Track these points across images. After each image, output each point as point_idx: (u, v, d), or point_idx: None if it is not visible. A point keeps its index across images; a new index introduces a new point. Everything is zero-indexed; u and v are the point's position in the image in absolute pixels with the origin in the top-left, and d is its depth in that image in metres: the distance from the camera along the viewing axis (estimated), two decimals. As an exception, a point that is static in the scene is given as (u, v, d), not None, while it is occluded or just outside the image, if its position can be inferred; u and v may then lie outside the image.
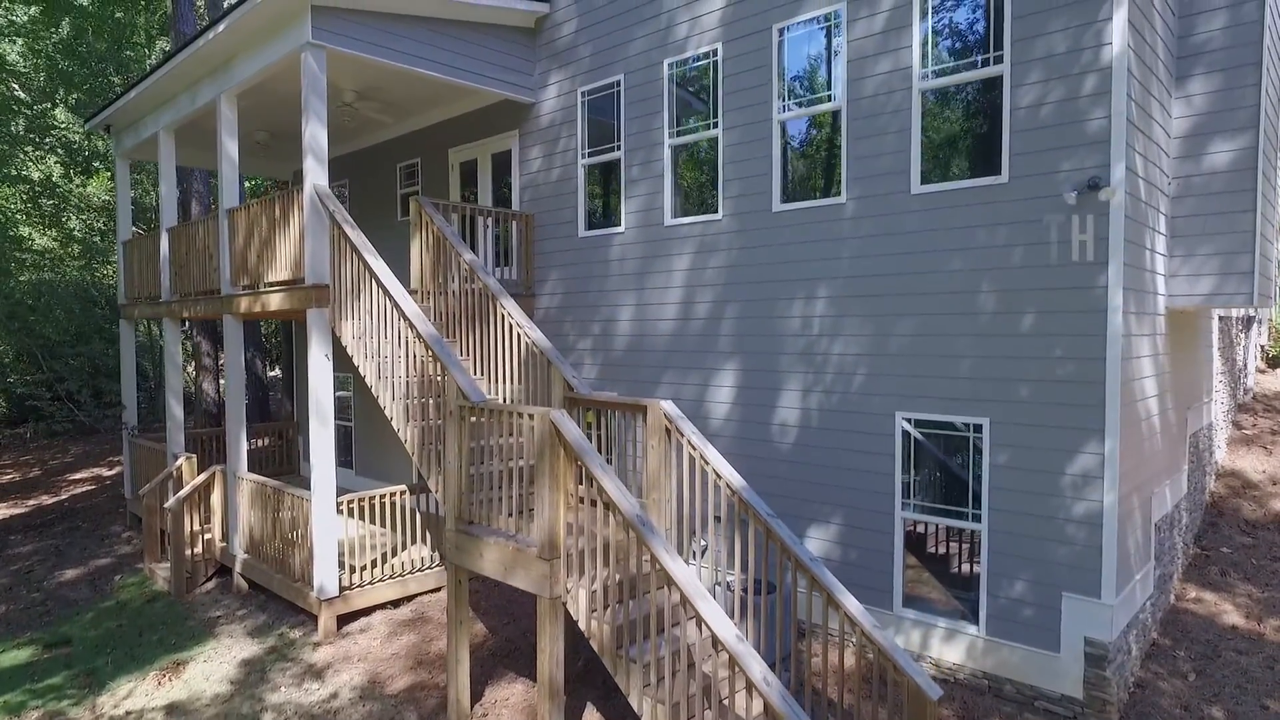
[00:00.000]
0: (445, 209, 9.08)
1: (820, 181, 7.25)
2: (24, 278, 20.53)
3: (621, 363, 8.96)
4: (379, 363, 7.42)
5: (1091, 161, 5.67)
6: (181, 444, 11.37)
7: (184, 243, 10.61)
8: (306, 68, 7.86)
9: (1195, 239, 6.84)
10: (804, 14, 7.23)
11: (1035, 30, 5.90)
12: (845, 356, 7.06)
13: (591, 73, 9.14)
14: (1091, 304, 5.70)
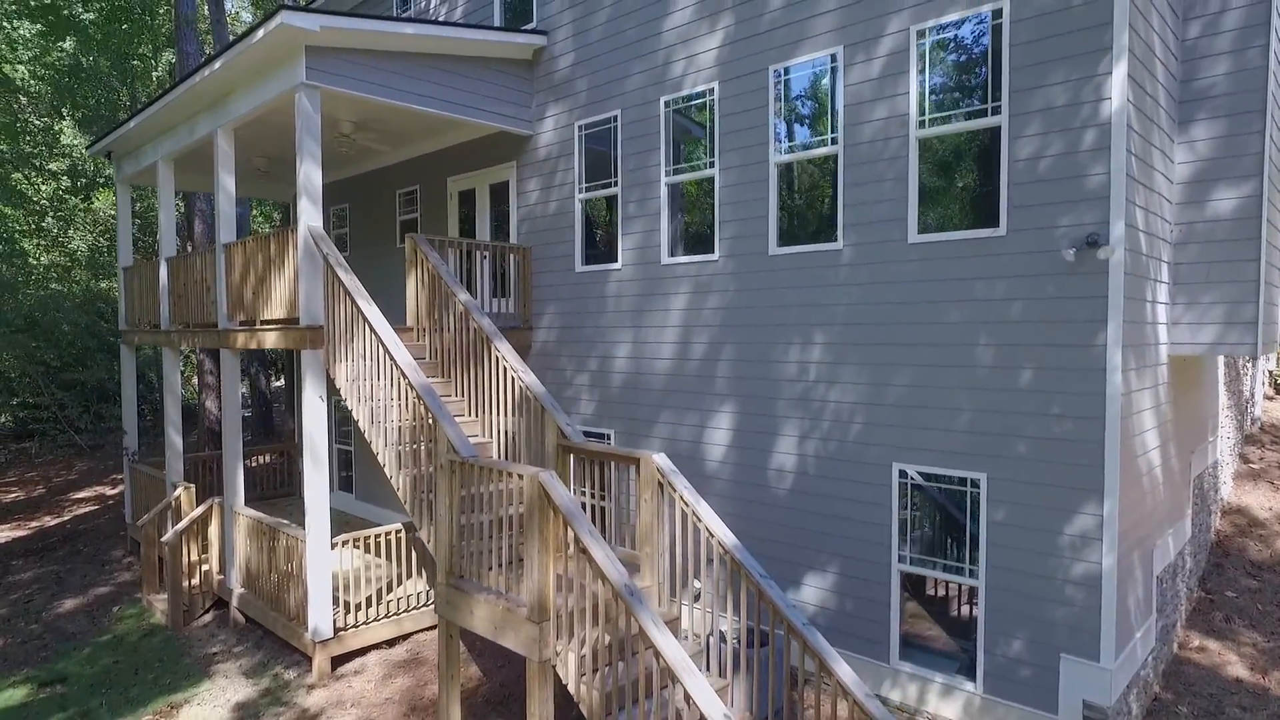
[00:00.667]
0: (442, 245, 9.03)
1: (817, 226, 7.16)
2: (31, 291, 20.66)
3: (618, 400, 8.90)
4: (372, 407, 7.38)
5: (1090, 217, 5.57)
6: (180, 472, 11.37)
7: (182, 273, 10.60)
8: (301, 108, 7.82)
9: (1199, 286, 6.72)
10: (800, 56, 7.14)
11: (1034, 82, 5.81)
12: (842, 404, 6.97)
13: (588, 107, 9.08)
14: (1090, 362, 5.60)
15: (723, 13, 7.72)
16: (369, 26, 7.99)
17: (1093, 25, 5.52)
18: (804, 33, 7.11)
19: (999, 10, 5.94)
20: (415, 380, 6.67)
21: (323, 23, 7.57)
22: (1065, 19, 5.64)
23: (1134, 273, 5.76)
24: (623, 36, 8.65)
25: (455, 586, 6.18)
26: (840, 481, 7.00)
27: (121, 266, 12.90)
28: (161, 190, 11.27)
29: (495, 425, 7.74)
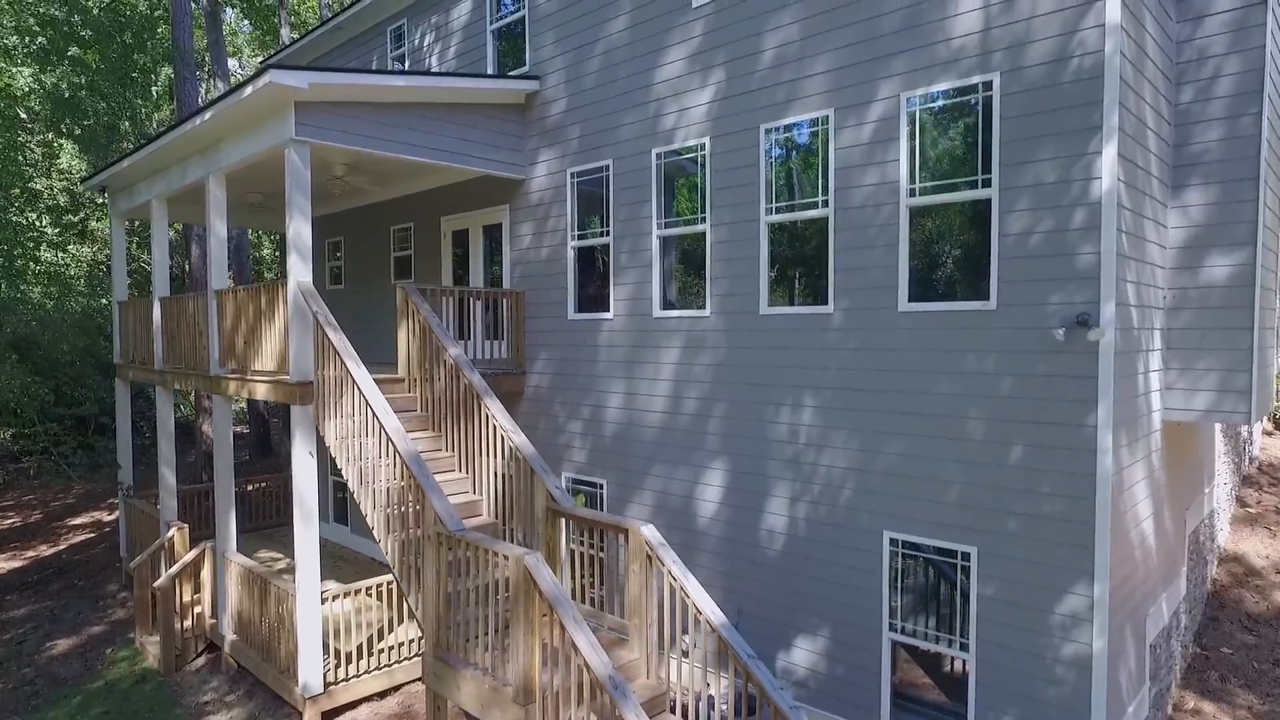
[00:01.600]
0: (434, 293, 9.00)
1: (808, 288, 7.12)
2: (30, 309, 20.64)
3: (611, 449, 8.86)
4: (361, 467, 7.34)
5: (1081, 297, 5.52)
6: (174, 510, 11.36)
7: (176, 314, 10.58)
8: (290, 163, 7.79)
9: (1192, 352, 6.67)
10: (791, 116, 7.10)
11: (1023, 157, 5.76)
12: (833, 469, 6.93)
13: (581, 154, 9.04)
14: (1081, 443, 5.55)
15: (714, 68, 7.68)
16: (359, 81, 7.96)
17: (1082, 103, 5.47)
18: (794, 93, 7.07)
19: (989, 83, 5.90)
20: (403, 449, 6.63)
21: (312, 80, 7.54)
22: (1055, 95, 5.60)
23: (1125, 350, 5.71)
24: (615, 85, 8.62)
25: (442, 659, 6.15)
26: (831, 546, 6.95)
27: (116, 300, 12.88)
28: (155, 229, 11.25)
29: (485, 482, 7.71)
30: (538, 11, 9.49)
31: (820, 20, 6.86)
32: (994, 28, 5.86)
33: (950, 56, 6.08)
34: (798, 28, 7.01)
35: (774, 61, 7.20)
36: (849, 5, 6.66)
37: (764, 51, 7.27)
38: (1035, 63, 5.67)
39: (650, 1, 8.21)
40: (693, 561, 8.00)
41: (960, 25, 6.03)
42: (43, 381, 14.37)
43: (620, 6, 8.51)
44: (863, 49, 6.59)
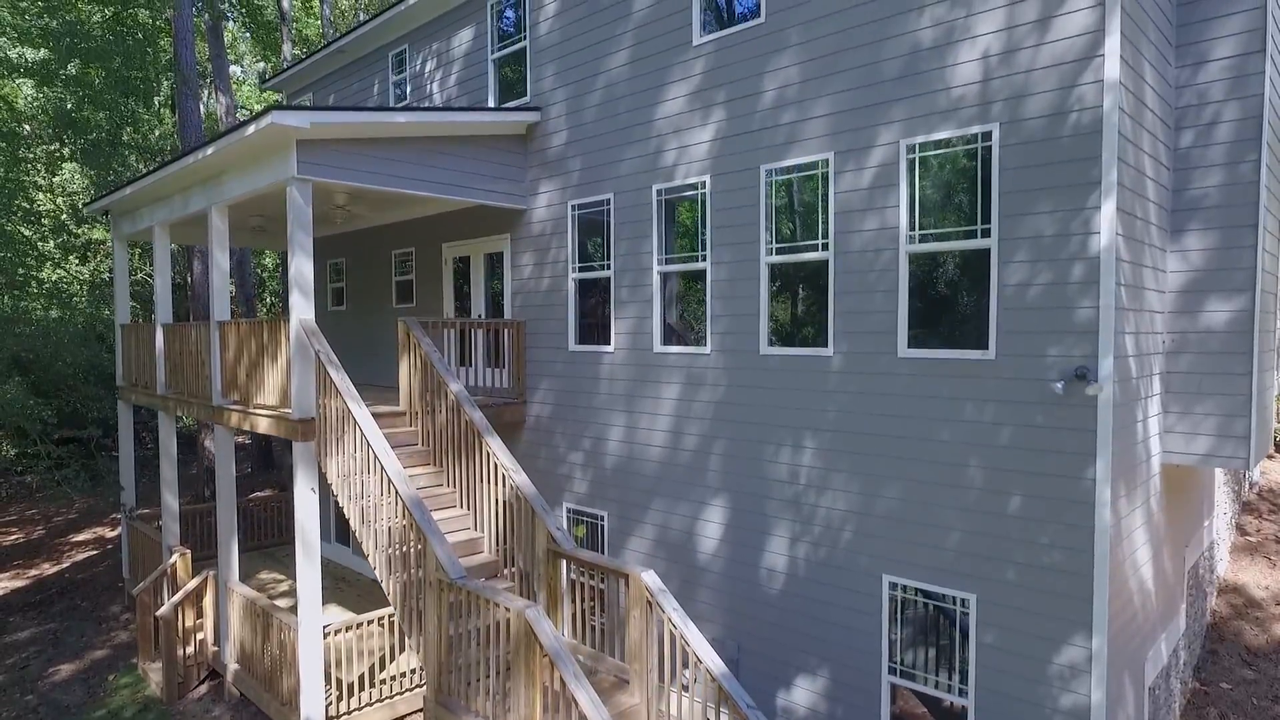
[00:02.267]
0: (435, 325, 9.03)
1: (808, 330, 7.14)
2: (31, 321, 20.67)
3: (611, 481, 8.88)
4: (363, 506, 7.37)
5: (1079, 350, 5.54)
6: (176, 534, 11.39)
7: (178, 342, 10.61)
8: (292, 200, 7.82)
9: (1192, 396, 6.69)
10: (791, 159, 7.12)
11: (1022, 209, 5.78)
12: (833, 511, 6.95)
13: (581, 187, 9.06)
14: (1080, 496, 5.57)
15: (714, 106, 7.70)
16: (361, 119, 7.99)
17: (1081, 158, 5.49)
18: (794, 135, 7.09)
19: (988, 133, 5.92)
20: (405, 493, 6.67)
21: (314, 119, 7.57)
22: (1054, 149, 5.62)
23: (1125, 402, 5.73)
24: (616, 120, 8.64)
25: (444, 705, 6.18)
26: (831, 587, 6.98)
27: (119, 323, 12.92)
28: (157, 255, 11.28)
29: (487, 519, 7.74)
30: (539, 43, 9.52)
31: (820, 64, 6.88)
32: (993, 79, 5.88)
33: (950, 105, 6.10)
34: (797, 70, 7.04)
35: (774, 103, 7.22)
36: (849, 50, 6.68)
37: (764, 92, 7.29)
38: (1034, 115, 5.69)
39: (651, 38, 8.23)
40: (693, 597, 8.03)
41: (960, 75, 6.05)
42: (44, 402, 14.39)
43: (621, 41, 8.53)
44: (862, 94, 6.61)
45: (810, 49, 6.94)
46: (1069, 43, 5.52)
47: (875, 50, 6.51)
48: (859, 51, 6.62)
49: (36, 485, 20.30)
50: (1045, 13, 5.62)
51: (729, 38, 7.55)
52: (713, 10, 7.84)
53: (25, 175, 21.39)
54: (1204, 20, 6.48)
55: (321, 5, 24.36)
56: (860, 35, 6.60)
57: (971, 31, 5.97)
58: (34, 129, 23.21)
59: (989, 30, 5.88)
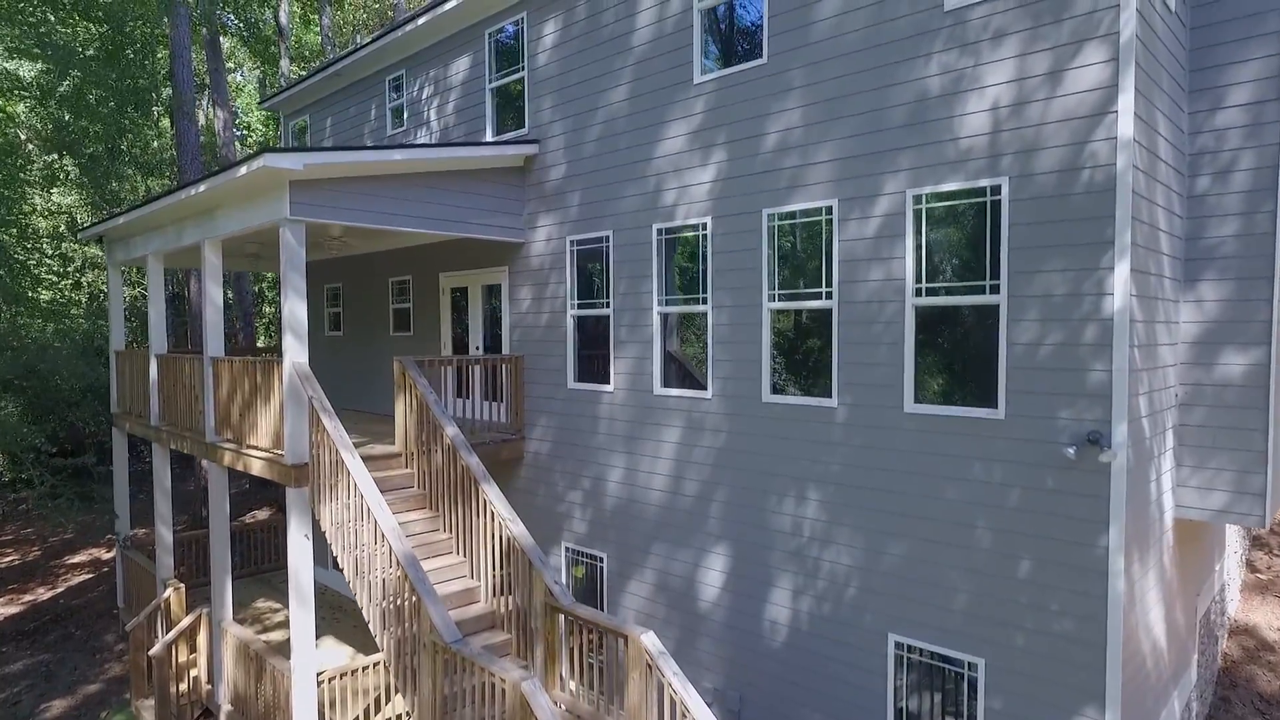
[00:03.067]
0: (431, 364, 8.87)
1: (811, 379, 6.98)
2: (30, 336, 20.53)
3: (610, 523, 8.73)
4: (356, 556, 7.22)
5: (1091, 414, 5.38)
6: (170, 567, 11.26)
7: (172, 374, 10.47)
8: (285, 241, 7.67)
9: (1206, 450, 6.52)
10: (794, 204, 6.96)
11: (1033, 266, 5.61)
12: (837, 565, 6.79)
13: (580, 222, 8.90)
14: (1091, 564, 5.41)
15: (715, 147, 7.54)
16: (355, 158, 7.84)
17: (1094, 217, 5.33)
18: (797, 180, 6.92)
19: (998, 187, 5.75)
20: (399, 549, 6.51)
21: (307, 161, 7.42)
22: (1065, 206, 5.45)
23: (1139, 466, 5.56)
24: (615, 155, 8.48)
25: (438, 771, 6.02)
26: (834, 643, 6.81)
27: (114, 350, 12.77)
28: (151, 285, 11.14)
29: (484, 567, 7.58)
30: (537, 74, 9.36)
31: (824, 108, 6.71)
32: (1003, 131, 5.71)
33: (958, 156, 5.94)
34: (800, 114, 6.87)
35: (777, 146, 7.06)
36: (853, 95, 6.51)
37: (766, 135, 7.13)
38: (1045, 171, 5.53)
39: (651, 74, 8.07)
40: (694, 645, 7.87)
41: (968, 125, 5.88)
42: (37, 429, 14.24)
43: (621, 76, 8.37)
44: (868, 141, 6.44)
45: (813, 92, 6.78)
46: (1081, 97, 5.36)
47: (881, 96, 6.35)
48: (864, 97, 6.45)
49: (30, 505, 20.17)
50: (1057, 65, 5.45)
51: (730, 77, 7.39)
52: (714, 48, 7.68)
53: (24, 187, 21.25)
54: (1218, 65, 6.31)
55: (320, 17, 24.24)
56: (865, 80, 6.44)
57: (980, 81, 5.80)
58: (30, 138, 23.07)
59: (998, 81, 5.72)
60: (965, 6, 5.86)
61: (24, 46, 19.78)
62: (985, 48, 5.77)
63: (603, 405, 8.74)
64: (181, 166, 19.19)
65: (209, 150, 23.71)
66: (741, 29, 7.47)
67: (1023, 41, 5.60)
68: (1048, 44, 5.49)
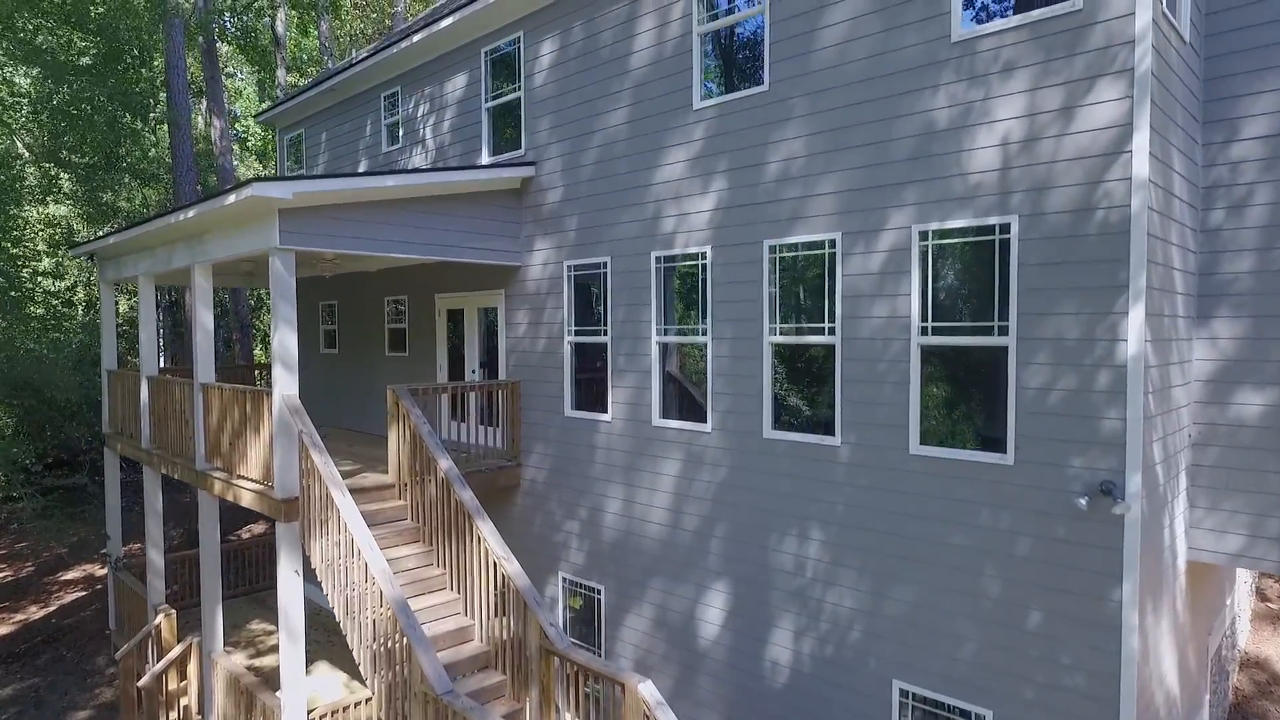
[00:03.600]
0: (426, 391, 8.70)
1: (814, 416, 6.79)
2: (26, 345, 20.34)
3: (608, 555, 8.54)
4: (347, 595, 7.03)
5: (1105, 464, 5.19)
6: (161, 592, 11.09)
7: (162, 397, 10.29)
8: (274, 270, 7.49)
9: (1221, 491, 6.33)
10: (796, 236, 6.77)
11: (1043, 308, 5.42)
12: (840, 608, 6.60)
13: (578, 248, 8.72)
14: (1105, 618, 5.22)
15: (715, 175, 7.35)
16: (347, 185, 7.66)
17: (1108, 259, 5.14)
18: (799, 211, 6.74)
19: (1007, 225, 5.56)
20: (390, 595, 6.33)
21: (297, 189, 7.24)
22: (1078, 247, 5.26)
23: (1153, 516, 5.38)
24: (613, 180, 8.29)
25: (429, 825, 5.85)
26: (838, 688, 6.63)
27: (105, 369, 12.60)
28: (142, 305, 10.95)
29: (478, 605, 7.40)
30: (533, 94, 9.18)
31: (826, 138, 6.53)
32: (1013, 167, 5.52)
33: (966, 192, 5.75)
34: (802, 143, 6.69)
35: (778, 175, 6.87)
36: (857, 126, 6.32)
37: (768, 164, 6.94)
38: (1057, 210, 5.34)
39: (650, 98, 7.89)
40: (693, 682, 7.69)
41: (977, 160, 5.70)
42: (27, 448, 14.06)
43: (619, 99, 8.19)
44: (872, 173, 6.26)
45: (816, 121, 6.59)
46: (1095, 135, 5.17)
47: (886, 128, 6.16)
48: (868, 128, 6.26)
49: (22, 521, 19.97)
50: (1069, 101, 5.26)
51: (731, 104, 7.20)
52: (714, 73, 7.50)
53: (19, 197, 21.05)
54: (1234, 96, 6.12)
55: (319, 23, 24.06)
56: (869, 111, 6.25)
57: (990, 115, 5.62)
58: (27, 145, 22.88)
59: (1009, 115, 5.53)
60: (973, 37, 5.67)
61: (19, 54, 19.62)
62: (995, 80, 5.58)
63: (600, 434, 8.56)
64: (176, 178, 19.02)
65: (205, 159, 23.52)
66: (742, 54, 7.29)
67: (1034, 75, 5.41)
68: (1060, 78, 5.30)
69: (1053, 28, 5.33)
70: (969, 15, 5.75)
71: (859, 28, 6.29)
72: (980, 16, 5.72)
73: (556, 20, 8.83)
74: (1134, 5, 4.98)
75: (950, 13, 5.78)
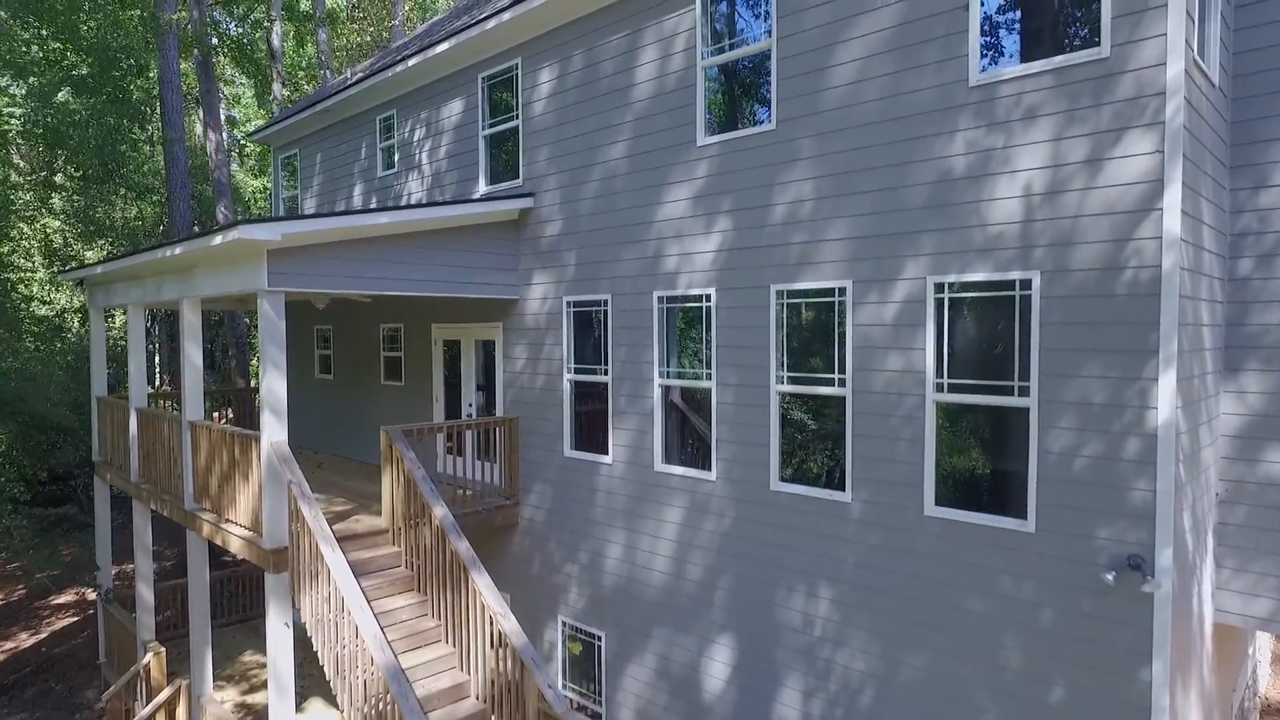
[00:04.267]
0: (420, 432, 8.43)
1: (824, 470, 6.52)
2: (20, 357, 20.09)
3: (609, 601, 8.27)
4: (338, 653, 6.76)
5: (1133, 537, 4.92)
6: (151, 628, 10.82)
7: (151, 431, 10.02)
8: (263, 313, 7.22)
9: (1249, 553, 6.06)
10: (804, 282, 6.50)
11: (1067, 369, 5.15)
12: (851, 670, 6.33)
13: (577, 283, 8.44)
14: (1133, 698, 4.94)
15: (719, 215, 7.08)
16: (339, 224, 7.40)
17: (1136, 322, 4.87)
18: (808, 256, 6.47)
19: (1028, 281, 5.29)
20: (381, 661, 6.06)
21: (285, 230, 6.98)
22: (1104, 308, 4.99)
23: (1182, 587, 5.10)
24: (613, 216, 8.02)
25: None
26: (849, 754, 6.36)
27: (95, 395, 12.33)
28: (131, 335, 10.68)
29: (474, 659, 7.12)
30: (531, 124, 8.91)
31: (836, 181, 6.26)
32: (1035, 220, 5.25)
33: (985, 244, 5.48)
34: (811, 186, 6.42)
35: (786, 218, 6.60)
36: (869, 170, 6.05)
37: (774, 205, 6.67)
38: (1082, 267, 5.07)
39: (652, 132, 7.62)
40: (697, 739, 7.42)
41: (996, 211, 5.42)
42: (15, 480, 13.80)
43: (620, 132, 7.92)
44: (885, 220, 5.99)
45: (825, 164, 6.32)
46: (1123, 190, 4.90)
47: (899, 173, 5.89)
48: (881, 173, 5.99)
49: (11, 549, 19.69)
50: (1096, 153, 4.99)
51: (736, 141, 6.94)
52: (719, 109, 7.23)
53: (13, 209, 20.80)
54: (1263, 141, 5.86)
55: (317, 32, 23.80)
56: (882, 154, 5.98)
57: (1011, 164, 5.34)
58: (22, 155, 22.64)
59: (1031, 165, 5.26)
60: (993, 82, 5.40)
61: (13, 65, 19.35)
62: (1016, 128, 5.31)
63: (601, 477, 8.29)
64: (171, 194, 18.78)
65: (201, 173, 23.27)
66: (748, 90, 7.02)
67: (1058, 124, 5.14)
68: (1086, 128, 5.03)
69: (1077, 75, 5.06)
70: (987, 59, 5.48)
71: (871, 67, 6.02)
72: (999, 60, 5.44)
73: (555, 48, 8.57)
74: (1165, 55, 4.71)
75: (967, 55, 5.51)
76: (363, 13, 26.43)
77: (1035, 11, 5.40)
